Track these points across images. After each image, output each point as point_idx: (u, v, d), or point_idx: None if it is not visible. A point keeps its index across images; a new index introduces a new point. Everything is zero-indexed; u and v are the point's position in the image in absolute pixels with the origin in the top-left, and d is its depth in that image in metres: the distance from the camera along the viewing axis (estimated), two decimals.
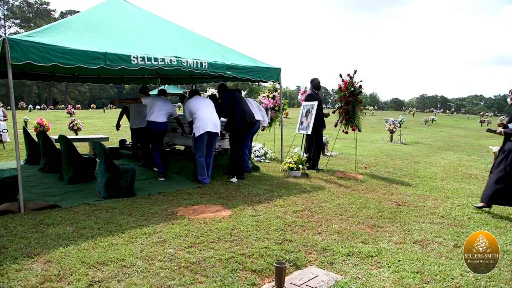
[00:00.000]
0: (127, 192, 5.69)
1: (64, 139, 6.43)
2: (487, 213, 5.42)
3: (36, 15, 73.00)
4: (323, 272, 3.37)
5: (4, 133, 11.94)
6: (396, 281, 3.24)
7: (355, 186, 6.95)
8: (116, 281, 3.06)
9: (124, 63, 5.52)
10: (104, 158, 5.58)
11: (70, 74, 8.91)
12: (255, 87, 54.49)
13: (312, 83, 8.71)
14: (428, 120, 33.65)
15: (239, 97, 7.41)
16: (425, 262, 3.63)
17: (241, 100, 7.40)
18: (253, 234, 4.22)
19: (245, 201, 5.60)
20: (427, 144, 15.84)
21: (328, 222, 4.75)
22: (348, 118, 8.19)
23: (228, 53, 7.54)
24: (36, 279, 3.04)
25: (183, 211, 5.03)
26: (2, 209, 4.70)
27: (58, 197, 5.54)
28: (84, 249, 3.66)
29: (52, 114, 31.71)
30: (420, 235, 4.40)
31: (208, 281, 3.11)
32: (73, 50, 5.07)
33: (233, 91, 7.50)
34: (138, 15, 7.48)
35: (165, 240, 3.95)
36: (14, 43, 4.59)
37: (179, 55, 6.21)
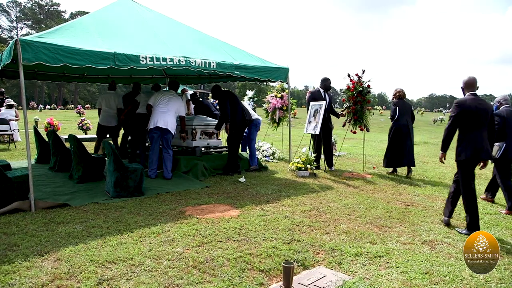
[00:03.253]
0: (136, 191, 5.73)
1: (74, 138, 6.49)
2: (497, 214, 5.36)
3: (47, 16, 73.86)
4: (331, 272, 3.36)
5: (15, 132, 12.09)
6: (404, 281, 3.22)
7: (363, 186, 6.92)
8: (124, 280, 3.08)
9: (133, 63, 5.56)
10: (113, 158, 5.62)
11: (79, 74, 9.00)
12: (263, 87, 54.47)
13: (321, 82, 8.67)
14: (437, 120, 33.36)
15: (235, 97, 7.76)
16: (434, 263, 3.60)
17: (238, 99, 7.77)
18: (261, 233, 4.23)
19: (253, 201, 5.60)
20: (435, 144, 15.70)
21: (336, 222, 4.74)
22: (356, 118, 8.15)
23: (237, 53, 7.55)
24: (46, 277, 3.08)
25: (191, 210, 5.06)
26: (13, 207, 4.77)
27: (68, 196, 5.60)
28: (93, 247, 3.70)
29: (62, 114, 32.02)
30: (429, 235, 4.37)
31: (216, 281, 3.12)
32: (83, 50, 5.12)
33: (228, 91, 7.76)
34: (147, 16, 7.54)
35: (173, 240, 3.97)
36: (25, 44, 4.65)
37: (187, 55, 6.23)
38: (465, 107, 4.46)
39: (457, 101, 4.59)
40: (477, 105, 4.44)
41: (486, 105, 4.55)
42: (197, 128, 7.75)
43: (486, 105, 4.56)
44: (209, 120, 8.12)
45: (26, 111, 5.00)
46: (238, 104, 7.60)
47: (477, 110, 4.43)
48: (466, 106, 4.46)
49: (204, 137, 7.93)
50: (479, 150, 4.45)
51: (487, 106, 4.53)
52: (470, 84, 4.59)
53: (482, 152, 4.46)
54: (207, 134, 7.97)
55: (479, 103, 4.47)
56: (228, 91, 7.76)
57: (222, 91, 7.59)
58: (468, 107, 4.45)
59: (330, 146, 8.59)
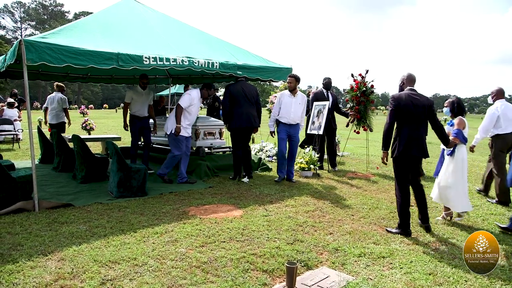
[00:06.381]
0: (139, 191, 5.73)
1: (77, 139, 6.51)
2: (502, 214, 5.33)
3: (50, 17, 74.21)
4: (334, 272, 3.35)
5: (19, 132, 12.15)
6: (408, 282, 3.21)
7: (366, 186, 6.90)
8: (128, 280, 3.08)
9: (136, 63, 5.56)
10: (117, 158, 5.63)
11: (83, 74, 9.02)
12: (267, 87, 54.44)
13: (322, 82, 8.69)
14: (440, 120, 33.20)
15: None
16: (438, 264, 3.58)
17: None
18: (264, 234, 4.22)
19: (257, 201, 5.60)
20: (439, 144, 15.61)
21: (340, 223, 4.73)
22: (359, 118, 8.13)
23: (239, 53, 7.55)
24: (50, 277, 3.09)
25: (194, 210, 5.06)
26: (17, 207, 4.79)
27: (71, 196, 5.61)
28: (96, 247, 3.70)
29: None
30: (432, 236, 4.35)
31: (219, 281, 3.12)
32: (86, 51, 5.13)
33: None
34: (150, 16, 7.54)
35: (176, 240, 3.97)
36: (29, 44, 4.66)
37: (190, 55, 6.23)
38: (400, 102, 4.35)
39: (392, 96, 4.52)
40: (412, 100, 4.33)
41: (424, 100, 4.38)
42: (200, 128, 7.75)
43: (424, 100, 4.38)
44: (212, 120, 8.12)
45: (30, 111, 5.01)
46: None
47: (412, 105, 4.31)
48: (401, 100, 4.35)
49: (207, 137, 7.93)
50: (411, 146, 4.32)
51: (424, 101, 4.37)
52: (410, 80, 4.53)
53: (413, 148, 4.32)
54: (211, 134, 7.97)
55: (415, 98, 4.35)
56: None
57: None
58: (403, 102, 4.34)
59: (334, 146, 8.57)
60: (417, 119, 4.35)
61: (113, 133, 15.84)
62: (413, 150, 4.33)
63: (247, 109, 6.87)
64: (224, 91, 7.16)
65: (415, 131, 4.35)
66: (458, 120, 4.79)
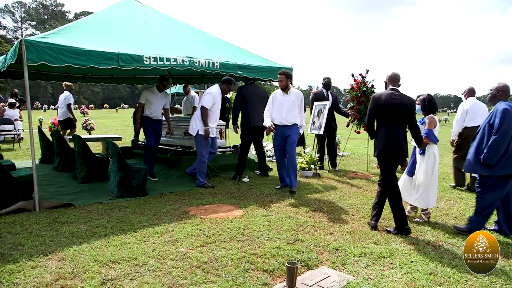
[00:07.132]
0: (140, 191, 5.74)
1: (78, 138, 6.51)
2: None
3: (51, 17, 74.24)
4: (335, 272, 3.35)
5: (20, 132, 12.17)
6: (408, 282, 3.21)
7: (367, 186, 6.90)
8: (128, 280, 3.09)
9: (136, 63, 5.57)
10: (117, 158, 5.64)
11: (83, 74, 9.02)
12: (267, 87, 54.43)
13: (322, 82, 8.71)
14: (441, 120, 33.22)
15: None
16: (438, 264, 3.58)
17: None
18: (264, 234, 4.22)
19: (257, 201, 5.60)
20: (440, 144, 15.59)
21: (340, 223, 4.73)
22: (360, 117, 8.13)
23: (240, 53, 7.55)
24: (50, 277, 3.09)
25: (195, 210, 5.06)
26: (18, 207, 4.79)
27: (72, 196, 5.62)
28: (97, 247, 3.71)
29: None
30: (433, 236, 4.35)
31: (219, 281, 3.12)
32: (87, 51, 5.13)
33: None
34: (151, 16, 7.55)
35: (177, 240, 3.97)
36: (30, 44, 4.66)
37: (191, 55, 6.24)
38: (380, 102, 4.37)
39: (373, 96, 4.56)
40: (391, 100, 4.33)
41: (404, 100, 4.35)
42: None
43: (404, 99, 4.35)
44: None
45: (30, 111, 5.02)
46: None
47: (391, 105, 4.31)
48: (380, 100, 4.37)
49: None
50: (388, 146, 4.34)
51: (404, 101, 4.34)
52: (393, 79, 4.52)
53: (390, 147, 4.34)
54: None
55: (394, 98, 4.34)
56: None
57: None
58: (382, 102, 4.35)
59: (334, 146, 8.57)
60: (395, 119, 4.36)
61: (113, 133, 15.87)
62: (390, 150, 4.37)
63: (259, 109, 6.86)
64: (237, 93, 7.27)
65: (393, 131, 4.38)
66: (429, 120, 4.79)
